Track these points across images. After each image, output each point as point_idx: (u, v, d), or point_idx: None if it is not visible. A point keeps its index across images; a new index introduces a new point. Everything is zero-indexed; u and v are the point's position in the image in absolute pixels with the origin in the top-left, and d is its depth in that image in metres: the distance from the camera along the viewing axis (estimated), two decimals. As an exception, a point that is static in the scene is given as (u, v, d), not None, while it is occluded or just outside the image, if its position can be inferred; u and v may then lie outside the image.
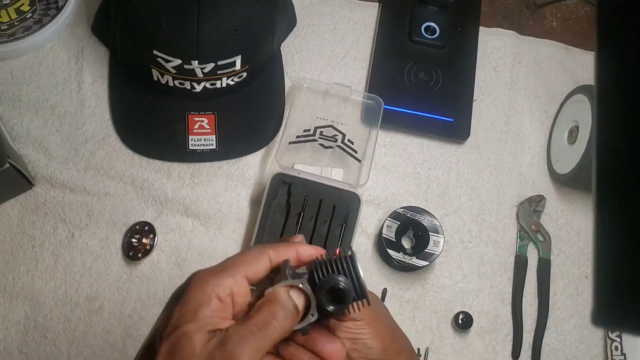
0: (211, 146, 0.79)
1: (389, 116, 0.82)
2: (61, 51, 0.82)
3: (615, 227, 0.26)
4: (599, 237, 0.26)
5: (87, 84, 0.81)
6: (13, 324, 0.71)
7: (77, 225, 0.75)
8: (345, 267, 0.39)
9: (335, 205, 0.76)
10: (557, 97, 0.88)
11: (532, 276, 0.80)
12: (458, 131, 0.84)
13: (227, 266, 0.39)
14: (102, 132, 0.79)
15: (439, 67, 0.86)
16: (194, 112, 0.79)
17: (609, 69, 0.27)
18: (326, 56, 0.87)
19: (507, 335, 0.77)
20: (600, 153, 0.27)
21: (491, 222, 0.81)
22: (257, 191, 0.79)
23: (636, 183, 0.25)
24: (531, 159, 0.85)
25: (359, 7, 0.90)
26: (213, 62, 0.74)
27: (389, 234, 0.76)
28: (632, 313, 0.25)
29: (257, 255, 0.40)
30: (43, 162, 0.77)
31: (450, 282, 0.78)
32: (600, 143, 0.27)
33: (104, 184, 0.77)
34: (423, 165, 0.83)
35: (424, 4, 0.88)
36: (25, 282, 0.73)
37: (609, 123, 0.27)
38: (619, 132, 0.27)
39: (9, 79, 0.80)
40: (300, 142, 0.80)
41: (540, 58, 0.91)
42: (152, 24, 0.72)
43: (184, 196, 0.78)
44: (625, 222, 0.26)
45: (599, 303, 0.26)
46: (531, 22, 0.94)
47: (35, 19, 0.78)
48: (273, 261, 0.41)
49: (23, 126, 0.78)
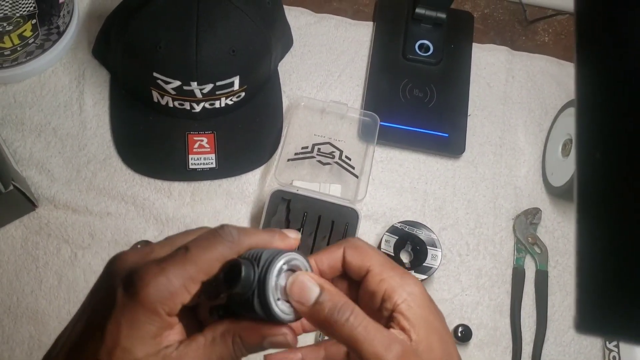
0: (211, 165, 0.80)
1: (385, 132, 0.83)
2: (63, 75, 0.84)
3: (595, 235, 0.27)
4: (580, 246, 0.27)
5: (89, 106, 0.83)
6: (17, 343, 0.72)
7: (80, 246, 0.76)
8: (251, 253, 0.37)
9: (334, 220, 0.77)
10: (550, 110, 0.90)
11: (530, 288, 0.81)
12: (453, 146, 0.85)
13: (186, 266, 0.35)
14: (103, 153, 0.81)
15: (434, 83, 0.88)
16: (193, 131, 0.81)
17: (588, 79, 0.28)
18: (322, 75, 0.89)
19: (507, 347, 0.78)
20: (580, 163, 0.28)
21: (488, 235, 0.82)
22: (257, 208, 0.80)
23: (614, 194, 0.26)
24: (526, 172, 0.86)
25: (354, 26, 0.92)
26: (212, 83, 0.76)
27: (388, 249, 0.77)
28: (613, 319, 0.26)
29: (226, 253, 0.36)
30: (46, 184, 0.78)
31: (449, 296, 0.79)
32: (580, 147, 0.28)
33: (105, 204, 0.78)
34: (420, 180, 0.84)
35: (417, 22, 0.90)
36: (29, 302, 0.74)
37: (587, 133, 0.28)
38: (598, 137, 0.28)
39: (12, 102, 0.82)
40: (299, 159, 0.81)
41: (533, 73, 0.92)
42: (152, 47, 0.74)
43: (185, 215, 0.79)
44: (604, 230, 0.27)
45: (580, 310, 0.27)
46: (524, 37, 0.96)
47: (38, 44, 0.80)
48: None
49: (26, 148, 0.80)
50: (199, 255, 0.35)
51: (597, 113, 0.27)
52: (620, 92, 0.26)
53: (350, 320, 0.36)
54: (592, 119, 0.28)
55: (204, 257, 0.35)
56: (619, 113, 0.27)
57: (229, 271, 0.36)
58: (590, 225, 0.27)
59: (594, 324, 0.26)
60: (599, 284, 0.26)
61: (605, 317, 0.26)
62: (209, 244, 0.36)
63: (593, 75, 0.28)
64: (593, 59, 0.29)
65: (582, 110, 0.28)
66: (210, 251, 0.36)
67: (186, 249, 0.35)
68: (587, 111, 0.27)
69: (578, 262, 0.27)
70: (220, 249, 0.36)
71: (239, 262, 0.36)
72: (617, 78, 0.27)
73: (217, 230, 0.37)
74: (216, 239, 0.36)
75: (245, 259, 0.37)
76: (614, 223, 0.26)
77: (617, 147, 0.26)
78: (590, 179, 0.27)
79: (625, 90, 0.26)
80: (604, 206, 0.26)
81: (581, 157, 0.27)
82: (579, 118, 0.27)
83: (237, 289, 0.36)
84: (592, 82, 0.28)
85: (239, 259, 0.37)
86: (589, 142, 0.27)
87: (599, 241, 0.26)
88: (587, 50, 0.29)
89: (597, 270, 0.26)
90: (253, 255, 0.37)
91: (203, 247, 0.36)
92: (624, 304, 0.25)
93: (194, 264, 0.35)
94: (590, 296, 0.27)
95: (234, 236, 0.37)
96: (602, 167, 0.26)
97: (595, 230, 0.27)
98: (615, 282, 0.26)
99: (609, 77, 0.28)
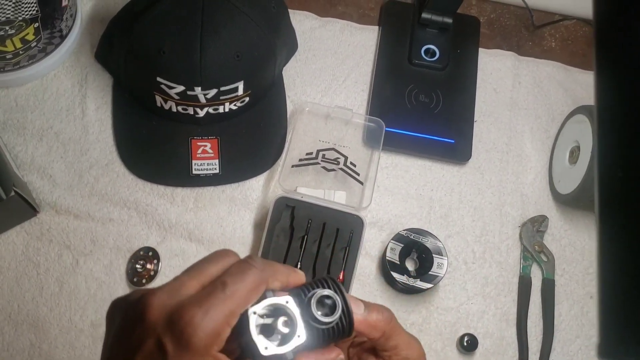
0: (214, 170, 0.79)
1: (390, 138, 0.83)
2: (65, 78, 0.83)
3: (619, 258, 0.26)
4: (603, 270, 0.26)
5: (91, 111, 0.82)
6: (18, 351, 0.71)
7: (82, 252, 0.75)
8: (329, 284, 0.39)
9: (338, 228, 0.76)
10: (557, 117, 0.89)
11: (537, 297, 0.80)
12: (459, 152, 0.85)
13: (227, 301, 0.35)
14: (106, 158, 0.80)
15: (440, 89, 0.87)
16: (197, 136, 0.80)
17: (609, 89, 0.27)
18: (327, 80, 0.88)
19: (513, 357, 0.77)
20: (601, 174, 0.27)
21: (494, 243, 0.81)
22: (261, 215, 0.79)
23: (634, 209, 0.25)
24: (533, 179, 0.85)
25: (359, 31, 0.91)
26: (216, 88, 0.75)
27: (393, 257, 0.76)
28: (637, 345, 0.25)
29: (257, 283, 0.37)
30: (47, 189, 0.77)
31: (455, 304, 0.78)
32: (601, 164, 0.27)
33: (108, 209, 0.77)
34: (425, 187, 0.83)
35: (423, 27, 0.89)
36: (30, 309, 0.73)
37: (609, 143, 0.27)
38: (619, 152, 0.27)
39: (14, 106, 0.81)
40: (303, 165, 0.80)
41: (540, 78, 0.91)
42: (156, 52, 0.73)
43: (188, 221, 0.78)
44: (628, 253, 0.26)
45: (605, 335, 0.26)
46: (530, 42, 0.95)
47: (40, 48, 0.79)
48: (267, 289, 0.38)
49: (28, 153, 0.79)
50: (236, 289, 0.35)
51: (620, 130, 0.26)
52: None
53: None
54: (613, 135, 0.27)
55: (241, 290, 0.36)
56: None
57: (320, 305, 0.38)
58: (614, 247, 0.26)
59: (618, 351, 0.26)
60: (624, 309, 0.25)
61: (630, 344, 0.25)
62: (243, 276, 0.36)
63: (614, 87, 0.27)
64: (614, 70, 0.28)
65: (602, 125, 0.27)
66: (245, 283, 0.36)
67: (223, 284, 0.35)
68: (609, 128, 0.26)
69: (601, 286, 0.26)
70: (252, 279, 0.36)
71: (324, 291, 0.38)
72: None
73: (247, 261, 0.37)
74: (249, 270, 0.37)
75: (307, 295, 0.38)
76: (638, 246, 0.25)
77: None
78: (613, 198, 0.26)
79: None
80: (628, 229, 0.25)
81: (603, 174, 0.26)
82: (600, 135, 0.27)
83: (333, 320, 0.38)
84: (612, 95, 0.27)
85: (318, 292, 0.38)
86: (610, 159, 0.26)
87: (624, 265, 0.25)
88: (607, 60, 0.28)
89: (622, 295, 0.25)
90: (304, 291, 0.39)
91: (239, 281, 0.36)
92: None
93: (233, 298, 0.35)
94: (614, 322, 0.26)
95: (261, 266, 0.37)
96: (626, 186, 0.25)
97: (618, 254, 0.26)
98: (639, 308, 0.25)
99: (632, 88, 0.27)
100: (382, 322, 0.41)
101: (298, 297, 0.38)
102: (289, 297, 0.38)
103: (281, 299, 0.37)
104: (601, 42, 0.28)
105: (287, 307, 0.37)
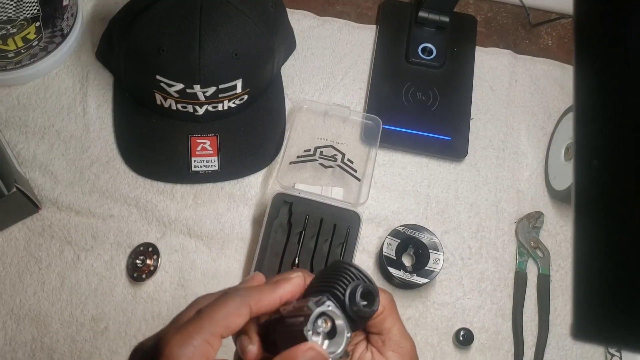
0: (213, 167, 0.80)
1: (387, 136, 0.83)
2: (66, 77, 0.84)
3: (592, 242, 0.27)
4: (577, 253, 0.27)
5: (92, 109, 0.83)
6: (20, 345, 0.72)
7: (83, 247, 0.77)
8: (354, 273, 0.40)
9: (336, 224, 0.77)
10: (553, 114, 0.89)
11: (532, 292, 0.80)
12: (456, 149, 0.85)
13: (203, 324, 0.38)
14: (106, 156, 0.81)
15: (436, 87, 0.88)
16: (196, 134, 0.81)
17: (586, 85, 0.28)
18: (325, 78, 0.89)
19: (509, 352, 0.77)
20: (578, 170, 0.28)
21: (490, 238, 0.82)
22: (259, 211, 0.80)
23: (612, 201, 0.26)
24: (529, 176, 0.86)
25: (357, 29, 0.92)
26: (214, 86, 0.76)
27: (390, 252, 0.77)
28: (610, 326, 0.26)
29: (237, 308, 0.39)
30: (49, 186, 0.79)
31: (451, 299, 0.79)
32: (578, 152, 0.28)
33: (108, 206, 0.79)
34: (422, 184, 0.84)
35: (420, 26, 0.90)
36: (32, 304, 0.74)
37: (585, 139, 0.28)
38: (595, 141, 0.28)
39: (16, 104, 0.82)
40: (301, 162, 0.81)
41: (537, 76, 0.92)
42: (155, 50, 0.74)
43: (187, 217, 0.79)
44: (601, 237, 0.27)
45: (577, 316, 0.27)
46: (527, 41, 0.96)
47: (41, 47, 0.80)
48: (253, 313, 0.39)
49: (29, 151, 0.80)
50: (213, 313, 0.38)
51: (595, 119, 0.27)
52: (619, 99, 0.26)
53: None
54: (590, 125, 0.27)
55: (219, 313, 0.38)
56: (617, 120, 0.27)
57: (364, 295, 0.39)
58: (587, 232, 0.27)
59: (591, 331, 0.26)
60: (596, 290, 0.26)
61: (603, 324, 0.26)
62: (220, 301, 0.39)
63: (592, 82, 0.28)
64: (592, 64, 0.28)
65: (580, 116, 0.28)
66: (223, 308, 0.38)
67: (199, 312, 0.39)
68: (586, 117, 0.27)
69: (575, 269, 0.27)
70: (232, 304, 0.39)
71: (368, 285, 0.39)
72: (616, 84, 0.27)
73: (226, 291, 0.40)
74: (226, 297, 0.39)
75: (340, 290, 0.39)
76: (611, 230, 0.26)
77: (616, 154, 0.26)
78: (588, 185, 0.27)
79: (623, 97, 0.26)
80: (601, 213, 0.26)
81: (579, 163, 0.27)
82: (577, 124, 0.27)
83: (375, 307, 0.39)
84: (590, 89, 0.28)
85: (358, 285, 0.39)
86: (587, 149, 0.27)
87: (596, 248, 0.26)
88: (585, 56, 0.29)
89: (594, 277, 0.26)
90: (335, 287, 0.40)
91: (216, 305, 0.39)
92: (621, 311, 0.25)
93: (210, 320, 0.38)
94: (587, 303, 0.26)
95: (242, 292, 0.40)
96: (600, 174, 0.26)
97: (592, 237, 0.26)
98: (612, 289, 0.26)
99: (607, 83, 0.27)
100: (384, 299, 0.42)
101: (334, 296, 0.39)
102: (328, 301, 0.39)
103: (323, 307, 0.39)
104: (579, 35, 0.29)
105: (332, 311, 0.39)
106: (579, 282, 0.26)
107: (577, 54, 0.29)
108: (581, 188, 0.27)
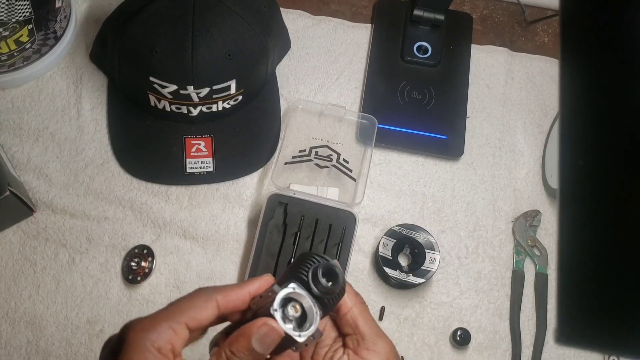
0: (208, 169, 0.80)
1: (383, 135, 0.83)
2: (60, 79, 0.84)
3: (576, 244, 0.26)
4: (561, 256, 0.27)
5: (86, 111, 0.83)
6: (15, 348, 0.72)
7: (78, 250, 0.76)
8: (316, 259, 0.41)
9: (331, 224, 0.77)
10: (550, 111, 0.89)
11: (530, 291, 0.80)
12: (452, 148, 0.85)
13: (169, 314, 0.39)
14: (101, 158, 0.81)
15: (432, 85, 0.88)
16: (190, 135, 0.81)
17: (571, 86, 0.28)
18: (320, 77, 0.88)
19: (506, 351, 0.77)
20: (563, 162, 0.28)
21: (487, 237, 0.82)
22: (254, 212, 0.80)
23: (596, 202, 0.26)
24: (526, 174, 0.86)
25: (352, 28, 0.92)
26: (208, 87, 0.76)
27: (385, 252, 0.76)
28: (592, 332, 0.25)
29: (204, 301, 0.40)
30: (43, 189, 0.78)
31: (448, 299, 0.78)
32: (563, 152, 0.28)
33: (103, 208, 0.78)
34: (418, 183, 0.84)
35: (415, 24, 0.90)
36: (27, 307, 0.74)
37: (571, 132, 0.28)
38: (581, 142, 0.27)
39: (10, 107, 0.82)
40: (296, 163, 0.81)
41: (533, 74, 0.92)
42: (148, 52, 0.74)
43: (182, 219, 0.79)
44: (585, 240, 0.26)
45: (561, 321, 0.26)
46: (523, 38, 0.95)
47: (35, 49, 0.80)
48: (221, 307, 0.41)
49: (24, 153, 0.80)
50: (180, 303, 0.40)
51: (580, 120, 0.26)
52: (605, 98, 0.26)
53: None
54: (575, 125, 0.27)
55: (185, 304, 0.40)
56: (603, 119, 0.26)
57: (326, 274, 0.41)
58: (571, 234, 0.26)
59: (573, 335, 0.26)
60: (580, 295, 0.26)
61: (586, 329, 0.26)
62: (188, 295, 0.41)
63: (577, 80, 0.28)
64: (576, 65, 0.28)
65: (565, 116, 0.28)
66: (190, 300, 0.40)
67: (169, 304, 0.41)
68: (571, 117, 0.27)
69: (559, 273, 0.26)
70: (199, 297, 0.41)
71: (328, 264, 0.41)
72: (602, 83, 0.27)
73: (197, 289, 0.42)
74: (195, 291, 0.41)
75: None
76: (595, 232, 0.26)
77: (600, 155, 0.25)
78: (573, 186, 0.26)
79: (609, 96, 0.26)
80: (585, 215, 0.26)
81: (564, 164, 0.27)
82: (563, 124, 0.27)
83: (340, 283, 0.41)
84: (576, 87, 0.28)
85: (320, 266, 0.41)
86: (572, 149, 0.27)
87: (580, 250, 0.26)
88: (570, 56, 0.28)
89: (578, 280, 0.26)
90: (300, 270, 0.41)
91: (184, 298, 0.41)
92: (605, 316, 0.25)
93: (177, 310, 0.39)
94: (571, 307, 0.26)
95: (211, 288, 0.41)
96: (585, 175, 0.26)
97: (576, 240, 0.26)
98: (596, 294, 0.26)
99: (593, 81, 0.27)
100: (352, 297, 0.45)
101: (299, 280, 0.41)
102: (292, 284, 0.40)
103: (287, 289, 0.40)
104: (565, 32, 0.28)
105: (297, 293, 0.40)
106: (562, 287, 0.26)
107: (562, 50, 0.29)
108: (566, 189, 0.26)
